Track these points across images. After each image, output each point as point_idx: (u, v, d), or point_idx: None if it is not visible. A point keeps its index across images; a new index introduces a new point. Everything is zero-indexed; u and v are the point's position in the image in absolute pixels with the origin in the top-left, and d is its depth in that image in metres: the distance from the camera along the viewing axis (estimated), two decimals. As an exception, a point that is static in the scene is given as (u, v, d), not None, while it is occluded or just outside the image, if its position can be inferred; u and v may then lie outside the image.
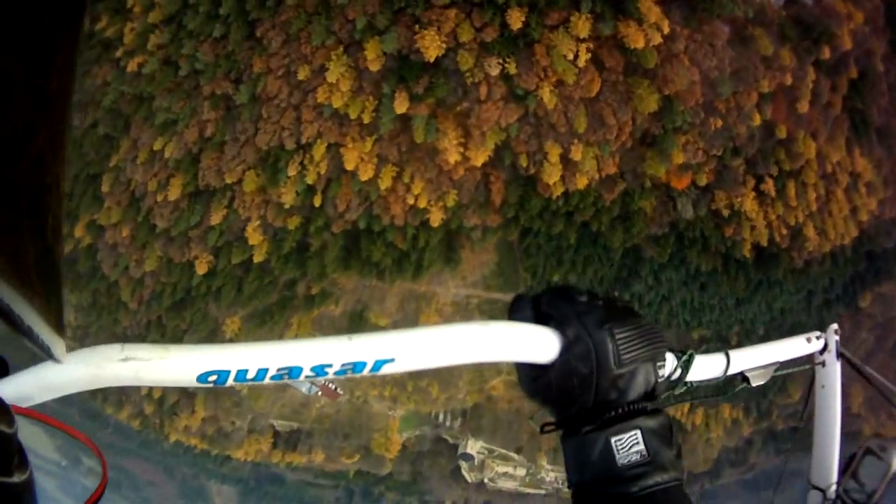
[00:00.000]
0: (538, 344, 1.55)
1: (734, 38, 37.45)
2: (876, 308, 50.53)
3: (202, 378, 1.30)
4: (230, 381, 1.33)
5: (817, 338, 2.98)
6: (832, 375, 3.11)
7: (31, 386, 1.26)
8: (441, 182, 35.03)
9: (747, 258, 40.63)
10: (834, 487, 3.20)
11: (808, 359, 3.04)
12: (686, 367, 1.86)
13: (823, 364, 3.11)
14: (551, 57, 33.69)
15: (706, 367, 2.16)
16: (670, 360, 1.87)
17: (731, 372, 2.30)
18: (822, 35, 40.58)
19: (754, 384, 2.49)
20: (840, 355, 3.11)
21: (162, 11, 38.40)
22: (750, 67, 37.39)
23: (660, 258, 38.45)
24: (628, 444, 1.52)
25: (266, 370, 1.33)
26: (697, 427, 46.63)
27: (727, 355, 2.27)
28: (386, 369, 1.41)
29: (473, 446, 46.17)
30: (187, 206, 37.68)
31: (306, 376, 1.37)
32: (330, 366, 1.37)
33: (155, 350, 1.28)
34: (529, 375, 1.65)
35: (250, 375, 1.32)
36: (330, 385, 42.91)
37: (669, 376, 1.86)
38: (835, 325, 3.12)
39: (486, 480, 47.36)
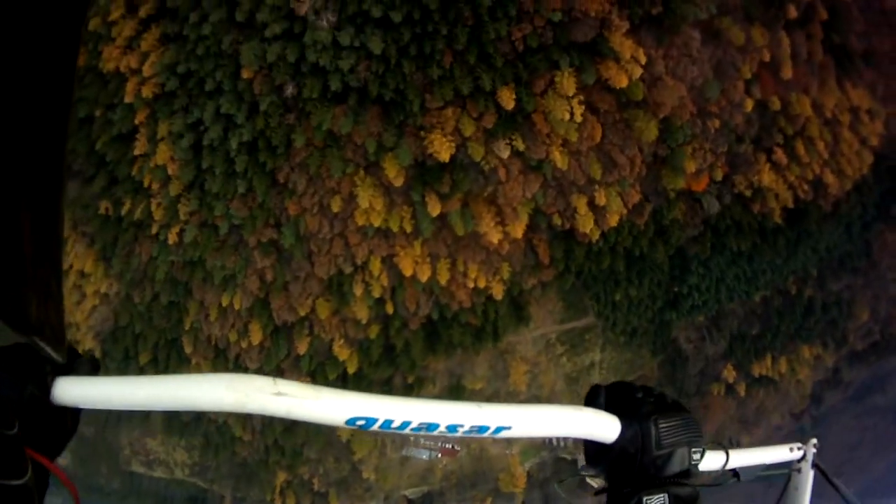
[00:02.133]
0: (606, 427, 2.13)
1: (706, 38, 42.96)
2: (913, 212, 56.42)
3: (351, 421, 1.61)
4: (375, 427, 1.66)
5: (798, 448, 3.58)
6: (804, 482, 3.65)
7: (173, 391, 1.53)
8: (492, 260, 41.58)
9: (780, 223, 46.79)
10: None
11: (788, 464, 3.65)
12: (701, 457, 2.26)
13: (799, 471, 3.66)
14: (550, 123, 39.69)
15: (711, 460, 2.76)
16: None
17: (728, 467, 2.88)
18: (784, -3, 45.95)
19: (742, 480, 3.11)
20: (814, 465, 3.64)
21: (180, 182, 44.68)
22: (728, 60, 43.01)
23: (703, 254, 44.80)
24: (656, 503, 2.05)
25: (409, 422, 1.70)
26: (784, 374, 53.27)
27: (727, 453, 2.84)
28: (503, 434, 1.92)
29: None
30: (272, 344, 44.64)
31: (440, 432, 1.79)
32: (462, 426, 1.80)
33: (307, 389, 1.60)
34: (594, 450, 2.24)
35: (395, 424, 1.66)
36: (447, 445, 50.22)
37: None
38: (814, 440, 3.65)
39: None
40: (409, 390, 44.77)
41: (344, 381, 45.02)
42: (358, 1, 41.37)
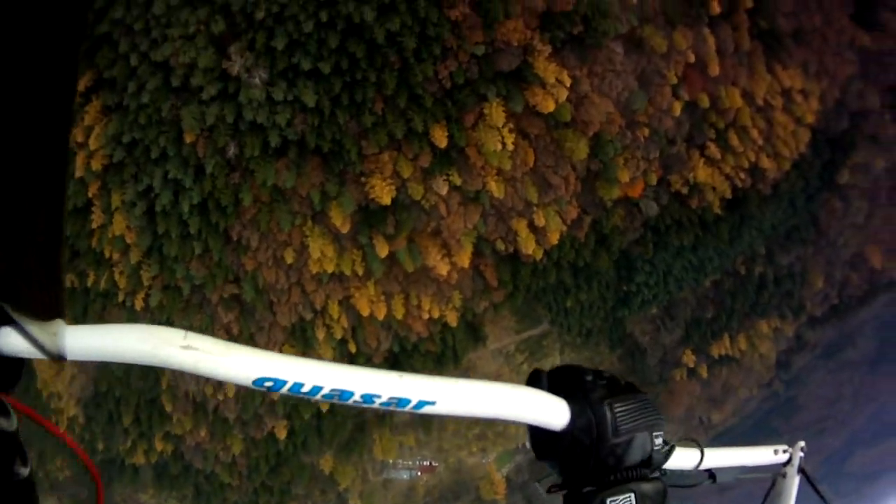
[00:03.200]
0: (553, 411, 2.00)
1: (629, 49, 45.78)
2: (857, 178, 59.92)
3: (259, 382, 1.56)
4: (284, 391, 1.59)
5: (783, 451, 3.50)
6: (789, 487, 3.58)
7: (85, 340, 1.54)
8: (443, 290, 44.95)
9: (720, 213, 50.26)
10: None
11: (772, 467, 3.57)
12: (667, 455, 2.15)
13: (784, 475, 3.58)
14: (484, 155, 42.68)
15: (682, 458, 2.67)
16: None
17: (703, 467, 2.78)
18: (704, -8, 48.66)
19: (718, 482, 3.02)
20: (801, 471, 3.58)
21: (139, 249, 47.52)
22: (653, 68, 45.89)
23: (646, 254, 48.33)
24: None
25: (320, 388, 1.62)
26: (745, 350, 57.36)
27: (702, 451, 2.74)
28: (426, 410, 1.79)
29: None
30: (246, 394, 48.12)
31: (354, 401, 1.69)
32: (379, 396, 1.70)
33: (218, 345, 1.57)
34: (542, 441, 2.11)
35: (305, 389, 1.59)
36: (424, 462, 54.30)
37: (659, 477, 2.20)
38: (802, 443, 3.59)
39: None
40: (382, 420, 48.61)
41: (319, 419, 48.84)
42: (287, 55, 43.99)
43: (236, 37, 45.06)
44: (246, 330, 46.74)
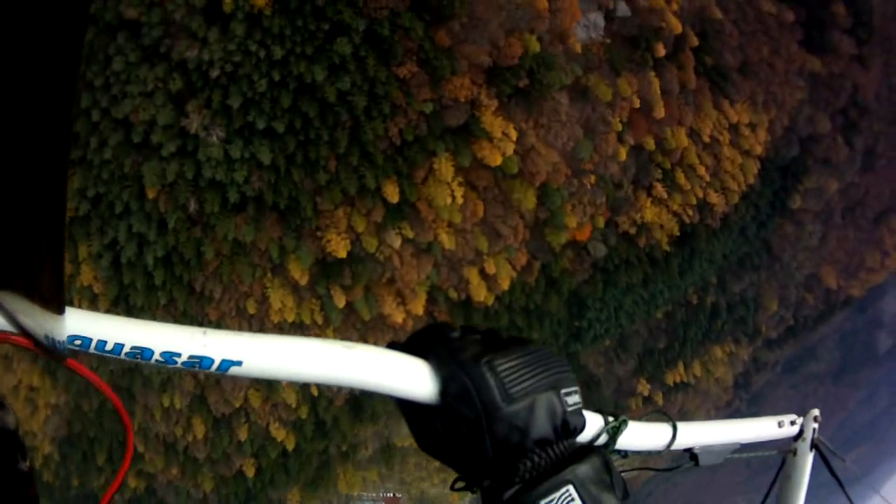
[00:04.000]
0: (406, 374, 1.64)
1: (574, 98, 48.72)
2: (809, 202, 63.20)
3: (70, 340, 1.46)
4: (91, 349, 1.51)
5: (791, 423, 2.91)
6: (801, 467, 3.03)
7: None
8: (399, 337, 47.75)
9: (669, 250, 53.55)
10: None
11: (778, 442, 2.99)
12: (614, 433, 1.93)
13: (794, 453, 3.02)
14: (434, 209, 45.73)
15: (646, 436, 2.25)
16: (597, 422, 1.98)
17: (677, 446, 2.37)
18: (649, 39, 51.52)
19: (703, 464, 2.54)
20: (814, 446, 3.03)
21: (107, 299, 50.56)
22: (598, 117, 48.89)
23: (596, 294, 51.63)
24: None
25: (122, 346, 1.53)
26: (700, 376, 60.96)
27: (674, 426, 2.32)
28: (233, 371, 1.57)
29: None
30: (215, 435, 51.47)
31: (156, 360, 1.55)
32: (179, 355, 1.55)
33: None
34: (419, 426, 1.70)
35: (108, 348, 1.53)
36: (388, 494, 57.92)
37: (595, 438, 1.95)
38: (816, 411, 3.04)
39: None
40: (346, 456, 52.07)
41: (286, 456, 52.26)
42: (242, 113, 46.75)
43: (193, 94, 47.63)
44: (212, 377, 49.83)
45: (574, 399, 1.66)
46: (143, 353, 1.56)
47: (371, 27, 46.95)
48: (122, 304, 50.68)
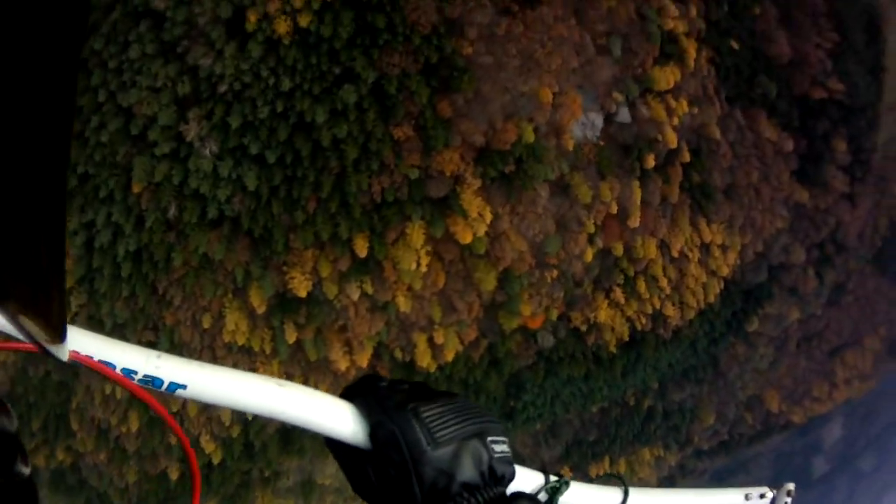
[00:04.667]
0: (333, 415, 1.85)
1: (554, 192, 51.42)
2: (767, 326, 65.98)
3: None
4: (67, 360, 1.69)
5: (761, 496, 2.74)
6: None
7: None
8: (339, 383, 50.64)
9: (615, 352, 56.28)
10: None
11: None
12: (554, 493, 2.01)
13: None
14: (398, 271, 48.38)
15: (592, 499, 2.31)
16: (537, 480, 2.10)
17: None
18: (642, 149, 54.21)
19: None
20: None
21: (73, 276, 53.01)
22: (573, 216, 51.64)
23: (536, 380, 54.34)
24: None
25: (90, 357, 1.77)
26: (623, 475, 63.45)
27: (626, 492, 2.32)
28: (179, 393, 1.81)
29: None
30: (147, 432, 53.94)
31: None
32: (136, 373, 1.77)
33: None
34: (353, 472, 1.88)
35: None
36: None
37: (534, 496, 2.00)
38: (791, 485, 2.91)
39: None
40: (267, 482, 54.70)
41: (209, 469, 54.81)
42: (238, 135, 49.28)
43: (197, 102, 50.07)
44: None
45: (502, 448, 1.80)
46: (107, 366, 1.85)
47: (379, 81, 49.52)
48: (87, 286, 53.12)
